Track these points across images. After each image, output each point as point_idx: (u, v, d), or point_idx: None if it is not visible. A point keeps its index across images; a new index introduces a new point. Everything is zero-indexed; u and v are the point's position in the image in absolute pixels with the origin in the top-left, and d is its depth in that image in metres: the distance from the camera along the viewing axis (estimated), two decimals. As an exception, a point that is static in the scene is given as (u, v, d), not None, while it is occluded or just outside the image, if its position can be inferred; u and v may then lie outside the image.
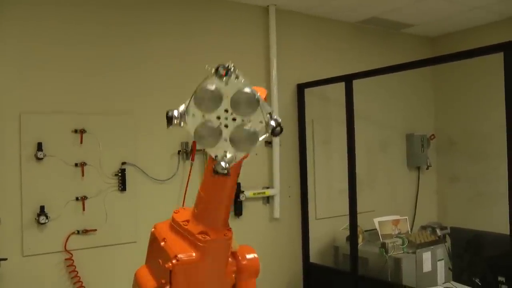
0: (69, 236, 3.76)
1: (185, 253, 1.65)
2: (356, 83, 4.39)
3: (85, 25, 3.90)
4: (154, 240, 1.89)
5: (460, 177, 5.92)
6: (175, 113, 1.56)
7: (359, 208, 4.60)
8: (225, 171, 1.42)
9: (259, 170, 4.73)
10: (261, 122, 1.47)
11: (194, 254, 1.64)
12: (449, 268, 4.36)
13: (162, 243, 1.74)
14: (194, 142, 4.25)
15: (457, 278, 4.05)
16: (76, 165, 3.80)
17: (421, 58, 4.40)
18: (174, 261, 1.65)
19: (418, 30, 5.89)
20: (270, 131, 1.42)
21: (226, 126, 1.46)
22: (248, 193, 4.51)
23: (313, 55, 5.11)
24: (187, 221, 1.76)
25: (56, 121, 3.75)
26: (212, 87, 1.60)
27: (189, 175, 4.26)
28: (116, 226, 3.97)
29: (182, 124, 1.57)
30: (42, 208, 3.64)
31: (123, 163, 4.00)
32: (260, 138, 1.49)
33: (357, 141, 4.46)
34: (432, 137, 5.96)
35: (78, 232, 3.80)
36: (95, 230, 3.86)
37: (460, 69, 5.65)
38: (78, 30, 3.87)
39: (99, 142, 3.89)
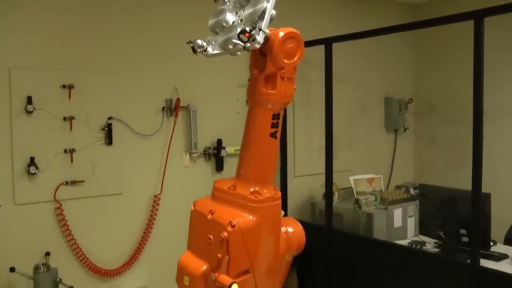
0: (58, 187, 3.94)
1: (240, 218, 1.60)
2: (337, 46, 4.51)
3: (74, -16, 4.00)
4: (197, 217, 1.82)
5: (438, 140, 6.14)
6: (199, 42, 1.78)
7: (337, 167, 4.79)
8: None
9: (240, 127, 4.88)
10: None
11: (251, 217, 1.62)
12: (420, 223, 4.60)
13: (210, 216, 1.72)
14: (178, 100, 4.41)
15: (424, 232, 4.32)
16: (64, 119, 3.94)
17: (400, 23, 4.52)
18: (229, 228, 1.60)
19: (401, -4, 6.02)
20: (238, 31, 1.65)
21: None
22: (229, 149, 4.69)
23: (295, 19, 5.22)
24: (234, 186, 1.78)
25: (45, 76, 3.88)
26: (215, 18, 1.83)
27: (173, 130, 4.45)
28: (103, 178, 4.15)
29: (205, 53, 1.80)
30: (32, 159, 3.80)
31: (110, 118, 4.15)
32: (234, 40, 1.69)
33: (336, 102, 4.60)
34: (410, 101, 6.16)
35: (67, 183, 3.97)
36: (83, 181, 4.04)
37: (441, 35, 5.80)
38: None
39: (87, 97, 4.04)
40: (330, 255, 4.54)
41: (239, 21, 1.78)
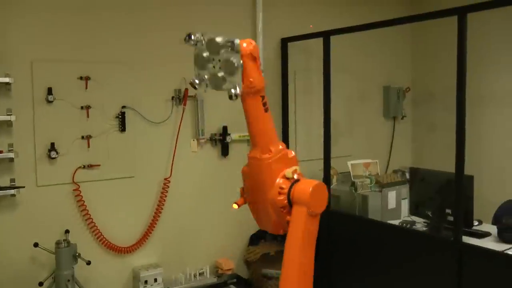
0: (76, 170, 4.27)
1: (244, 166, 2.46)
2: (336, 38, 4.78)
3: (89, -18, 4.30)
4: None
5: (434, 127, 6.37)
6: (196, 81, 2.34)
7: (338, 153, 5.08)
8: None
9: (244, 116, 5.18)
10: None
11: (245, 166, 2.46)
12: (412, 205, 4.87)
13: None
14: (186, 90, 4.72)
15: (416, 212, 4.61)
16: (82, 108, 4.26)
17: (397, 17, 4.68)
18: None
19: (399, -11, 6.20)
20: (229, 95, 2.22)
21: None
22: (234, 135, 4.97)
23: (297, 10, 5.49)
24: None
25: (64, 69, 4.19)
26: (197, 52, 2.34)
27: (181, 118, 4.76)
28: (117, 162, 4.47)
29: (198, 87, 2.37)
30: (52, 144, 4.12)
31: (123, 107, 4.46)
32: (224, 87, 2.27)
33: (337, 92, 4.85)
34: (408, 89, 6.41)
35: (84, 166, 4.30)
36: (99, 165, 4.37)
37: (438, 25, 5.99)
38: (83, -13, 4.28)
39: (102, 88, 4.35)
40: (328, 234, 4.85)
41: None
